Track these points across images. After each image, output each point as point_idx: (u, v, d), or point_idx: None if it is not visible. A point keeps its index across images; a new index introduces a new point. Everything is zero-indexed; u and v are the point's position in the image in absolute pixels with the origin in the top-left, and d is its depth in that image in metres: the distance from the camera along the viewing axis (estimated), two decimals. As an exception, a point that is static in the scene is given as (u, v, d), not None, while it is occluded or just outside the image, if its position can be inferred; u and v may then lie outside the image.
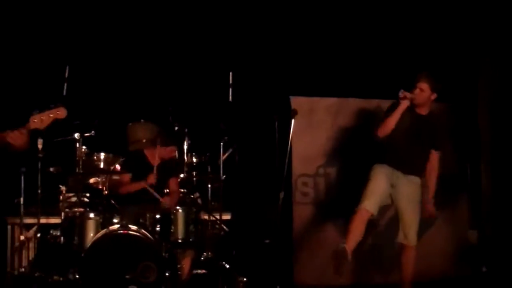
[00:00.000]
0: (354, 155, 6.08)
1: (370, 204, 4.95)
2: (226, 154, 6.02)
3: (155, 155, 5.53)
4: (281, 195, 5.03)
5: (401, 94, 4.95)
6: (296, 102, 5.92)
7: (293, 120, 5.03)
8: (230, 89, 6.07)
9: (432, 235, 6.14)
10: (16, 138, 3.68)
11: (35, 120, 3.74)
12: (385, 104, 5.83)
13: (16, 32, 6.20)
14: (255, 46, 6.69)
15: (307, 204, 6.15)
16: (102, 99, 6.38)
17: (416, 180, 5.12)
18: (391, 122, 4.97)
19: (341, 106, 6.21)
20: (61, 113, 3.81)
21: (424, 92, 4.99)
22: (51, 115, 3.77)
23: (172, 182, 5.65)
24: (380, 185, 5.03)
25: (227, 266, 5.59)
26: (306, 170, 6.17)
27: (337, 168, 6.20)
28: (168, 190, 5.61)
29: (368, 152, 5.45)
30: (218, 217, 5.88)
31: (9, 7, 6.12)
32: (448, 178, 6.16)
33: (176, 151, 5.87)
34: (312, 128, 6.13)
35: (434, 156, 5.20)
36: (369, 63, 6.56)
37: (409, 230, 5.05)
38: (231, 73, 6.07)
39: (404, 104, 4.96)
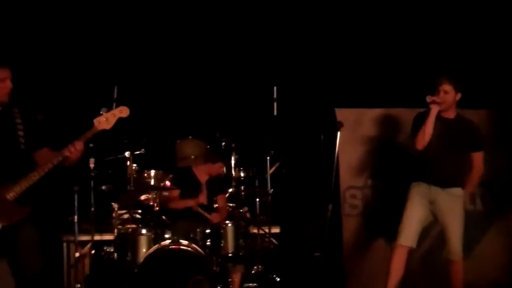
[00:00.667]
0: (402, 165, 6.02)
1: (406, 238, 4.90)
2: (273, 168, 6.06)
3: (203, 172, 5.62)
4: (330, 207, 5.03)
5: (429, 99, 4.81)
6: (341, 114, 5.89)
7: (339, 132, 5.02)
8: (275, 103, 6.11)
9: (485, 245, 6.01)
10: (74, 151, 3.68)
11: (100, 122, 3.75)
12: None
13: (66, 56, 6.40)
14: (298, 60, 6.73)
15: (356, 216, 6.10)
16: (150, 118, 6.52)
17: (456, 192, 4.95)
18: (427, 130, 4.83)
19: (387, 116, 6.16)
20: (124, 111, 3.82)
21: (448, 94, 4.85)
22: (115, 114, 3.78)
23: (220, 199, 5.72)
24: (416, 211, 4.92)
25: (278, 279, 5.61)
26: (354, 182, 6.13)
27: (385, 179, 6.14)
28: (216, 206, 5.67)
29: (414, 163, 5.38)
30: (267, 230, 5.90)
31: (58, 29, 6.33)
32: (500, 186, 6.05)
33: (224, 167, 5.93)
34: (358, 140, 6.09)
35: (477, 158, 5.01)
36: (413, 72, 6.50)
37: (453, 245, 4.90)
38: (275, 88, 6.12)
39: (435, 109, 4.82)
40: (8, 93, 3.80)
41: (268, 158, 5.92)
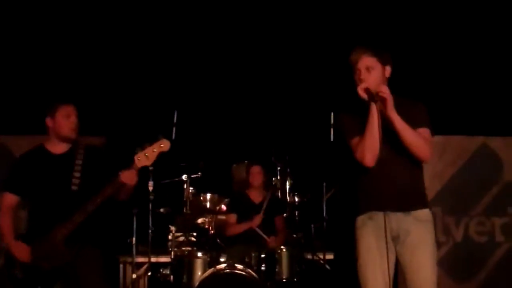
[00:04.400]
0: (462, 193, 5.94)
1: None
2: (329, 194, 6.03)
3: (255, 192, 5.63)
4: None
5: (362, 88, 3.26)
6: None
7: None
8: (332, 129, 6.11)
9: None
10: (128, 177, 3.70)
11: (139, 159, 3.69)
12: (491, 141, 5.72)
13: (129, 83, 6.60)
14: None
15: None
16: (207, 142, 6.62)
17: (425, 215, 3.33)
18: (373, 134, 3.22)
19: (446, 143, 6.07)
20: (164, 145, 3.69)
21: (374, 70, 3.30)
22: (155, 150, 3.68)
23: (279, 221, 5.71)
24: (375, 266, 3.27)
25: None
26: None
27: (443, 207, 6.03)
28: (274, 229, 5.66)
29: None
30: (321, 256, 5.87)
31: (118, 55, 6.53)
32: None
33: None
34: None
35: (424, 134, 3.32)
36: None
37: None
38: (332, 113, 6.12)
39: (375, 108, 3.21)
40: (73, 129, 3.86)
41: (324, 184, 5.91)
